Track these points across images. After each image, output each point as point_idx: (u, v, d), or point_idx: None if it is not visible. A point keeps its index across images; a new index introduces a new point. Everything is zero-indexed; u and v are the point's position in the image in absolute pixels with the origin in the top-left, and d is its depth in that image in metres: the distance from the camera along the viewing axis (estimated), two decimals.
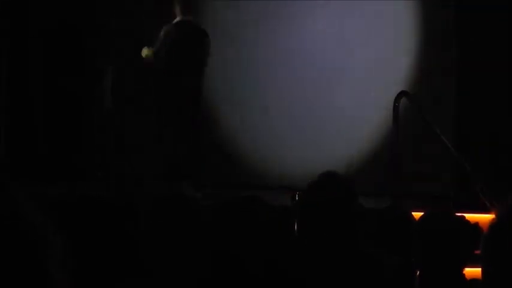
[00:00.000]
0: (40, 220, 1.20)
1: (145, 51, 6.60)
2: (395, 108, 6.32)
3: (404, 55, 7.69)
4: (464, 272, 2.37)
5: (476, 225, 2.26)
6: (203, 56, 6.73)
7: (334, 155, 7.44)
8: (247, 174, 7.65)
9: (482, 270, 1.44)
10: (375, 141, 7.61)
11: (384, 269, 2.43)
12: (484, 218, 4.62)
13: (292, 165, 7.58)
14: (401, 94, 6.46)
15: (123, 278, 2.62)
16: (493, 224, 1.43)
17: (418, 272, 2.53)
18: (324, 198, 2.61)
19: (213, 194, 5.97)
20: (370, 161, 7.60)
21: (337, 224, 2.59)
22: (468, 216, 2.58)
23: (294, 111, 7.72)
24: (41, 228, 1.17)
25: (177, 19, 6.70)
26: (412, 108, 6.77)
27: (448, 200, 6.56)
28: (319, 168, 6.45)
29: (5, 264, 1.11)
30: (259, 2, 7.77)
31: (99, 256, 3.50)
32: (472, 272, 2.32)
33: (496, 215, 1.46)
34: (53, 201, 5.39)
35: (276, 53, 7.75)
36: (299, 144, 7.69)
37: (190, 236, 2.39)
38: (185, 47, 6.64)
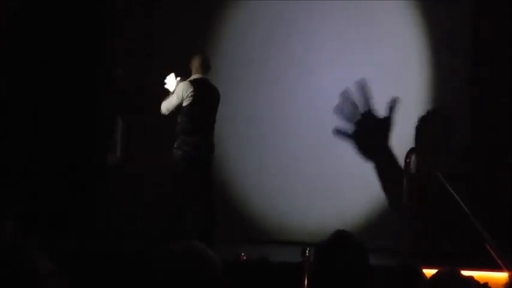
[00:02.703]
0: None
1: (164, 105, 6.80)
2: (406, 164, 6.30)
3: (416, 105, 7.64)
4: None
5: (485, 285, 2.24)
6: (215, 115, 6.89)
7: (343, 210, 7.42)
8: (257, 229, 7.63)
9: None
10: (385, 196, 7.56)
11: None
12: (494, 276, 4.56)
13: (301, 220, 7.56)
14: (412, 150, 6.45)
15: None
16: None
17: None
18: (335, 258, 2.67)
19: (223, 249, 5.96)
20: (381, 217, 7.55)
21: (347, 283, 2.65)
22: (479, 274, 2.56)
23: (304, 165, 7.73)
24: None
25: (193, 76, 6.86)
26: (424, 164, 6.73)
27: (459, 258, 6.49)
28: (329, 223, 6.39)
29: None
30: (269, 55, 7.86)
31: None
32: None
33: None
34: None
35: (285, 108, 7.80)
36: (308, 198, 7.68)
37: None
38: (200, 105, 6.77)
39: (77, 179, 7.50)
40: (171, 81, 6.91)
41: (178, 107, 6.80)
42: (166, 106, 6.84)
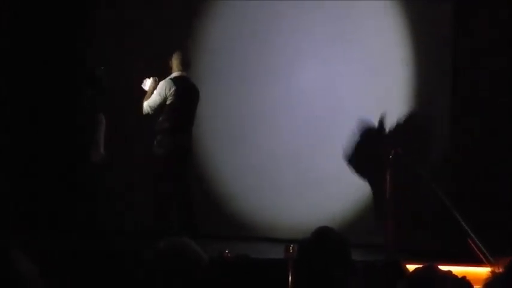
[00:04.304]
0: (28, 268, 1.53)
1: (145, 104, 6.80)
2: (389, 160, 6.35)
3: (398, 103, 7.65)
4: None
5: (463, 279, 2.27)
6: (195, 112, 6.92)
7: (327, 206, 7.45)
8: (241, 226, 7.66)
9: None
10: (369, 193, 7.61)
11: None
12: (474, 271, 4.61)
13: (285, 217, 7.58)
14: (395, 146, 6.48)
15: None
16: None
17: None
18: (317, 254, 2.70)
19: (207, 246, 5.97)
20: (365, 213, 7.58)
21: (330, 279, 2.67)
22: (458, 269, 2.59)
23: (287, 162, 7.74)
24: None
25: (174, 74, 6.86)
26: (405, 160, 6.76)
27: (442, 254, 6.54)
28: (313, 220, 6.41)
29: None
30: (251, 54, 7.88)
31: None
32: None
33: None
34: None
35: (268, 105, 7.82)
36: (292, 195, 7.70)
37: None
38: (182, 103, 6.78)
39: (63, 178, 7.49)
40: (146, 82, 6.92)
41: (161, 105, 6.78)
42: (150, 105, 6.79)
